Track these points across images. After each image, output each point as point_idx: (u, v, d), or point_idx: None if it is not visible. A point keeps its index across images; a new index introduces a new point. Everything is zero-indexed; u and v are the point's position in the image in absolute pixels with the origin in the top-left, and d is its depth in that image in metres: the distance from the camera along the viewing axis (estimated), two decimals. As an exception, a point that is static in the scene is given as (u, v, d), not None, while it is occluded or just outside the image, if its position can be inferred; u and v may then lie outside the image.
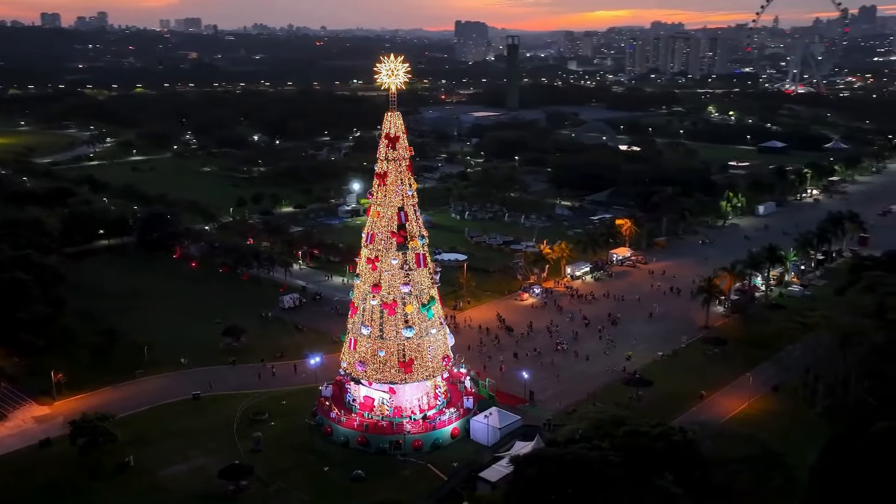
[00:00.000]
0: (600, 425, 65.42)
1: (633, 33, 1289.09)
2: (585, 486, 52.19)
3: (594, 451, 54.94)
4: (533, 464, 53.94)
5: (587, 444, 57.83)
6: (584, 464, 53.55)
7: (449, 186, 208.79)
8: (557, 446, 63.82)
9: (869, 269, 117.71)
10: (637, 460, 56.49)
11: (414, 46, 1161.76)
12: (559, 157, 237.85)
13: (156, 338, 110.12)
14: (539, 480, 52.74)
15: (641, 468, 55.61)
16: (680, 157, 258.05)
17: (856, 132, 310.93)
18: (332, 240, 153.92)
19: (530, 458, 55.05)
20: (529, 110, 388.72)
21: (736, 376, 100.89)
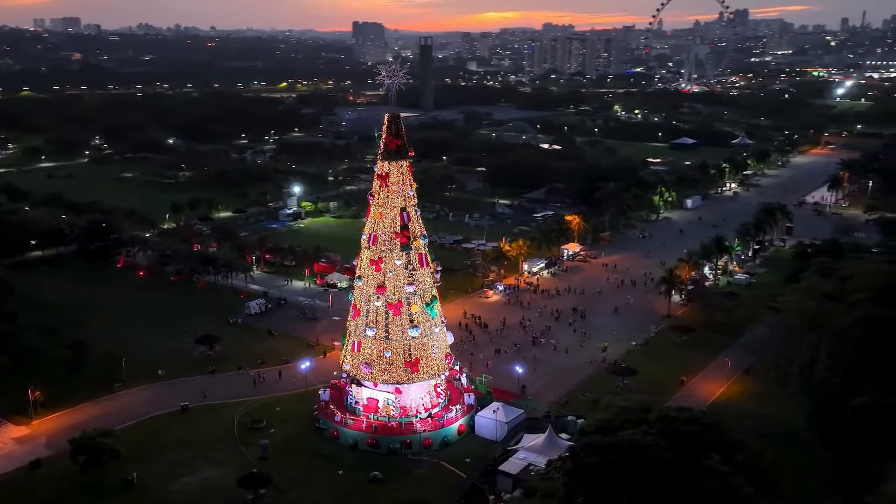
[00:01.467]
0: (628, 413, 68.11)
1: (526, 34, 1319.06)
2: (645, 471, 54.61)
3: (648, 437, 57.53)
4: (594, 452, 55.92)
5: (634, 430, 60.29)
6: (641, 449, 56.03)
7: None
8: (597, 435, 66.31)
9: (812, 256, 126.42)
10: (679, 443, 59.40)
11: (309, 47, 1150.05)
12: (490, 156, 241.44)
13: (125, 350, 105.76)
14: (602, 468, 54.80)
15: (687, 450, 58.57)
16: (600, 154, 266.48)
17: (755, 129, 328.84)
18: (288, 244, 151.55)
19: (590, 447, 56.94)
20: (445, 111, 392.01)
21: (708, 361, 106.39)
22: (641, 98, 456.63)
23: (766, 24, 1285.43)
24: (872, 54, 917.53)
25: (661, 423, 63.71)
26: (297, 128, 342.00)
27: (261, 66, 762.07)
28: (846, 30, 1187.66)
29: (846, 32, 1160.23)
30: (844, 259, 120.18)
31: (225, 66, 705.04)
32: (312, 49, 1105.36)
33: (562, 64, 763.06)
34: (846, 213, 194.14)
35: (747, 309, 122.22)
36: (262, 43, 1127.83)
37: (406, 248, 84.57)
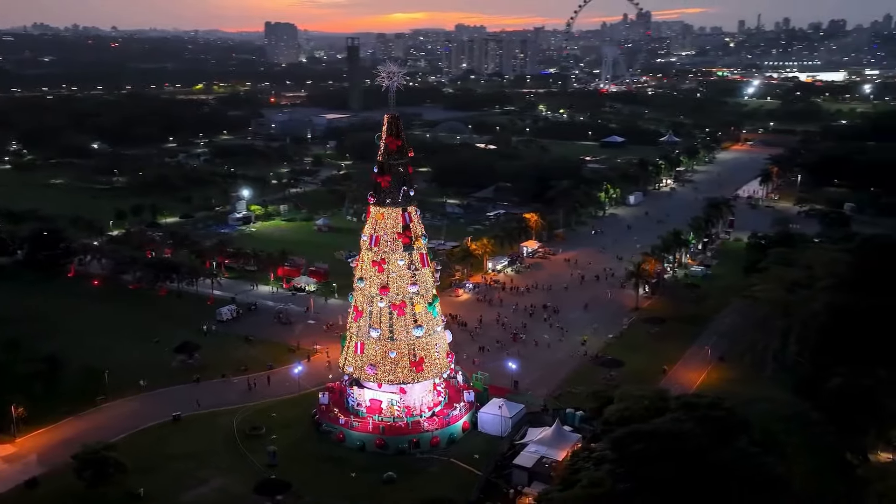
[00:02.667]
0: (645, 402, 70.66)
1: (439, 35, 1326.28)
2: (688, 455, 56.99)
3: (686, 424, 60.02)
4: (639, 440, 57.96)
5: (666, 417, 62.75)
6: (681, 434, 58.43)
7: (331, 189, 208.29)
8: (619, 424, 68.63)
9: (766, 247, 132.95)
10: (709, 428, 62.15)
11: (218, 48, 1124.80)
12: (432, 157, 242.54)
13: (98, 362, 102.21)
14: (648, 455, 56.85)
15: (718, 434, 61.37)
16: (536, 153, 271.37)
17: (678, 127, 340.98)
18: (251, 248, 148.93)
19: (634, 436, 58.96)
20: (373, 111, 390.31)
21: (683, 350, 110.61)
22: (563, 98, 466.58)
23: (668, 25, 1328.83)
24: (769, 55, 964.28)
25: (684, 409, 66.40)
26: (226, 130, 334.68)
27: (171, 67, 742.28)
28: (743, 31, 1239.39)
29: (743, 34, 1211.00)
30: (797, 249, 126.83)
31: (134, 68, 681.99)
32: (223, 50, 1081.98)
33: (479, 64, 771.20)
34: (778, 206, 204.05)
35: (710, 299, 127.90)
36: (168, 44, 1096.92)
37: (408, 249, 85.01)
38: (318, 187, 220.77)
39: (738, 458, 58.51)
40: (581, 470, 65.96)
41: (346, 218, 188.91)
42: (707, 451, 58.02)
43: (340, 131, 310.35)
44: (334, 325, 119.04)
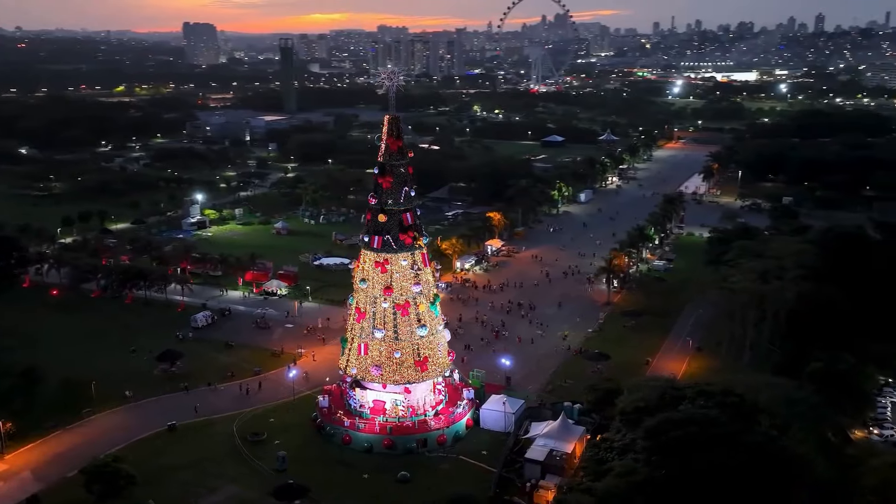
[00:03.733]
0: (657, 392, 73.11)
1: (361, 36, 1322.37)
2: (721, 440, 59.46)
3: (712, 410, 62.58)
4: (676, 427, 60.07)
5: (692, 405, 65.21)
6: (713, 421, 60.89)
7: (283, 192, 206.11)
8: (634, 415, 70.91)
9: (729, 240, 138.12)
10: (730, 414, 64.93)
11: (133, 49, 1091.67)
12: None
13: (76, 373, 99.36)
14: (684, 441, 59.02)
15: (739, 418, 64.18)
16: (479, 153, 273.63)
17: (612, 126, 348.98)
18: (219, 253, 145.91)
19: (669, 423, 61.03)
20: (309, 113, 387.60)
21: (661, 342, 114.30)
22: (496, 98, 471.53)
23: (586, 27, 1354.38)
24: (684, 56, 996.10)
25: (701, 397, 69.06)
26: (160, 133, 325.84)
27: (86, 68, 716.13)
28: (657, 33, 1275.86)
29: (657, 36, 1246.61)
30: (757, 241, 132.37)
31: (45, 69, 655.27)
32: (138, 51, 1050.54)
33: (406, 65, 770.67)
34: (721, 201, 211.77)
35: (677, 292, 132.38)
36: (79, 44, 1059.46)
37: (411, 249, 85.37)
38: (268, 190, 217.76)
39: (765, 441, 61.32)
40: (605, 460, 68.05)
41: (304, 220, 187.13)
42: (737, 435, 60.61)
43: (281, 133, 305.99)
44: (314, 329, 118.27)
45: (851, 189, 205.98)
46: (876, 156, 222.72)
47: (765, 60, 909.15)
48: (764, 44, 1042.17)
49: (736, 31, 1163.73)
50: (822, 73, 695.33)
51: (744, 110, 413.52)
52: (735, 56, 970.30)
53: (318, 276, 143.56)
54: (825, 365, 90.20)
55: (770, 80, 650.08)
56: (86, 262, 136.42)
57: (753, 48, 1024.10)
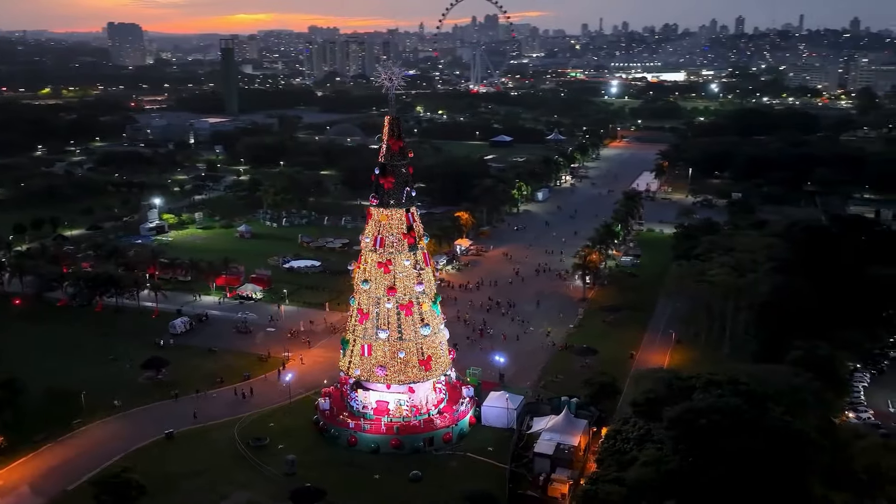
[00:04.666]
0: (666, 384, 75.33)
1: (291, 37, 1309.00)
2: (746, 426, 61.77)
3: (732, 399, 64.87)
4: (701, 416, 62.10)
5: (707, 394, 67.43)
6: (736, 409, 63.16)
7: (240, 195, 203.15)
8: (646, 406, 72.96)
9: (695, 236, 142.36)
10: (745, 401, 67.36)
11: (53, 50, 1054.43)
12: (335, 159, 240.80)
13: (58, 384, 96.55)
14: (711, 428, 61.08)
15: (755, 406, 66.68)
16: (429, 153, 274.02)
17: (556, 125, 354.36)
18: (189, 258, 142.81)
19: (694, 412, 63.00)
20: (251, 114, 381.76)
21: (641, 335, 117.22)
22: (438, 99, 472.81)
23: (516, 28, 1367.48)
24: (613, 56, 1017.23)
25: (711, 386, 71.42)
26: (98, 137, 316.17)
27: (4, 69, 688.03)
28: (586, 34, 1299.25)
29: (586, 37, 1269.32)
30: (722, 236, 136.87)
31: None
32: (59, 52, 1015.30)
33: (341, 66, 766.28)
34: (673, 197, 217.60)
35: (648, 286, 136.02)
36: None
37: (413, 249, 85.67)
38: (223, 194, 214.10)
39: (782, 426, 63.87)
40: (624, 451, 69.76)
41: (266, 223, 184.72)
42: (757, 421, 63.03)
43: (227, 136, 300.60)
44: (297, 332, 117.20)
45: (795, 184, 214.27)
46: (815, 153, 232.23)
47: (690, 61, 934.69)
48: (689, 45, 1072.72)
49: (661, 32, 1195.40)
50: (746, 73, 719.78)
51: (680, 109, 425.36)
52: (662, 57, 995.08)
53: (291, 279, 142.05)
54: (805, 353, 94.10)
55: (697, 80, 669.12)
56: (48, 269, 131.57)
57: (679, 49, 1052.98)
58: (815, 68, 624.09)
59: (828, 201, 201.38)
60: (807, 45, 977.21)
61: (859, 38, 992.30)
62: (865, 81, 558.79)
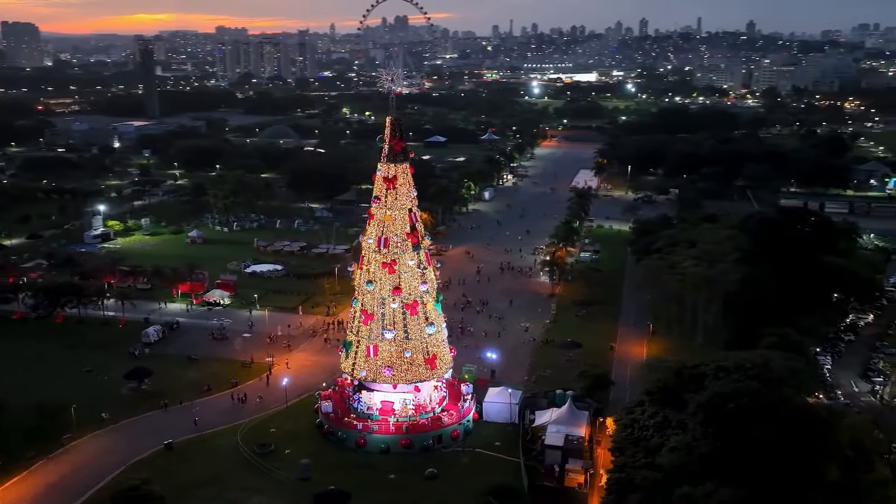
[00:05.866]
0: (677, 372, 78.24)
1: (198, 38, 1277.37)
2: (768, 410, 64.91)
3: (752, 382, 68.01)
4: (729, 400, 64.82)
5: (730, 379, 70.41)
6: (755, 393, 66.27)
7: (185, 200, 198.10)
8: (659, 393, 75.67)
9: (652, 231, 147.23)
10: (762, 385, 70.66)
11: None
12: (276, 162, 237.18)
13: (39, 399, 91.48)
14: (740, 412, 63.84)
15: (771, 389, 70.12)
16: (368, 154, 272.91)
17: (485, 125, 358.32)
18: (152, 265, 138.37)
19: (721, 397, 65.65)
20: (174, 117, 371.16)
21: (615, 328, 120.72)
22: (361, 100, 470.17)
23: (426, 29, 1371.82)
24: (525, 58, 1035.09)
25: (722, 372, 74.59)
26: (14, 142, 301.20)
27: None
28: (496, 36, 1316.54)
29: (497, 38, 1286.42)
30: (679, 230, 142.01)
31: None
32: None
33: (256, 68, 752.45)
34: (614, 194, 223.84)
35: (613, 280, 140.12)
36: None
37: (417, 248, 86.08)
38: (164, 199, 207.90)
39: (802, 408, 67.44)
40: (644, 438, 72.11)
41: (215, 228, 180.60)
42: (780, 404, 66.34)
43: (155, 139, 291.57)
44: (276, 337, 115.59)
45: (727, 180, 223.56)
46: (743, 149, 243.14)
47: (600, 62, 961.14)
48: (598, 47, 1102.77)
49: (569, 34, 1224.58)
50: (653, 73, 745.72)
51: (602, 109, 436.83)
52: (572, 58, 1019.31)
53: (256, 284, 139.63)
54: (779, 338, 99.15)
55: (608, 80, 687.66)
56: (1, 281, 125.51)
57: (588, 51, 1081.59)
58: (720, 69, 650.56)
59: (759, 196, 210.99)
60: (707, 47, 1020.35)
61: (755, 41, 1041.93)
62: (768, 82, 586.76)
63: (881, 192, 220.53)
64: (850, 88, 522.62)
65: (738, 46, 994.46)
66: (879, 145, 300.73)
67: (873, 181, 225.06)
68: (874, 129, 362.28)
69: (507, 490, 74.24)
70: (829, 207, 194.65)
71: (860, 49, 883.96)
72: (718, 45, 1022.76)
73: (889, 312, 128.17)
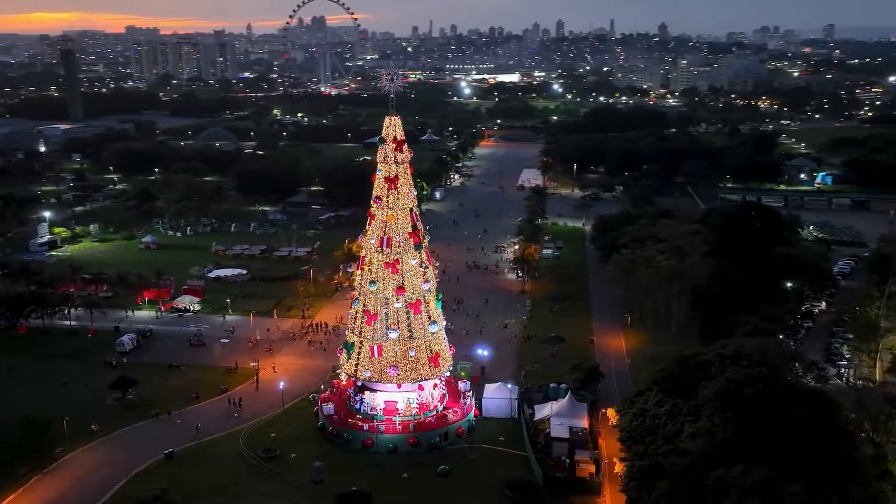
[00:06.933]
0: (680, 361, 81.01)
1: (108, 39, 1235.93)
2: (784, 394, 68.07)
3: (761, 368, 71.13)
4: (745, 386, 67.65)
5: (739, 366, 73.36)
6: (767, 378, 69.35)
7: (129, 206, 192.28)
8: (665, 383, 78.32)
9: (613, 227, 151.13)
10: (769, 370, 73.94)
11: None
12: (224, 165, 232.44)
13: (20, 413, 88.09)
14: (758, 397, 66.71)
15: (775, 373, 73.48)
16: (307, 156, 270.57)
17: (421, 126, 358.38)
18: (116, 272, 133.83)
19: (737, 383, 68.39)
20: (99, 120, 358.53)
21: (589, 322, 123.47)
22: (291, 101, 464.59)
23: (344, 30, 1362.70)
24: (446, 59, 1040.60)
25: (727, 360, 77.61)
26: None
27: None
28: (416, 37, 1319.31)
29: (416, 39, 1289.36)
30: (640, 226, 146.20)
31: None
32: None
33: (174, 69, 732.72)
34: (562, 192, 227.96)
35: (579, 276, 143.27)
36: None
37: (419, 248, 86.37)
38: (108, 204, 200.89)
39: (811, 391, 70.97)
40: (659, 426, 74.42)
41: (167, 233, 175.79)
42: (791, 387, 69.67)
43: (85, 143, 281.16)
44: (256, 341, 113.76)
45: (667, 177, 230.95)
46: (680, 147, 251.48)
47: (520, 63, 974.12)
48: (517, 48, 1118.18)
49: (488, 35, 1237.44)
50: (572, 74, 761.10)
51: (533, 109, 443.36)
52: (493, 59, 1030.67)
53: (223, 289, 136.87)
54: (753, 327, 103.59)
55: (531, 81, 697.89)
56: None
57: (508, 52, 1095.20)
58: (639, 69, 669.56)
59: (700, 192, 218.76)
60: (623, 48, 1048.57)
61: (667, 42, 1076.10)
62: (686, 82, 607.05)
63: (811, 187, 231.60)
64: (763, 88, 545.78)
65: (651, 48, 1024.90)
66: (800, 142, 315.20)
67: (803, 176, 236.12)
68: (791, 127, 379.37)
69: (523, 483, 75.60)
70: (766, 202, 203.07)
71: (764, 51, 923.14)
72: (633, 47, 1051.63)
73: (839, 299, 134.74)
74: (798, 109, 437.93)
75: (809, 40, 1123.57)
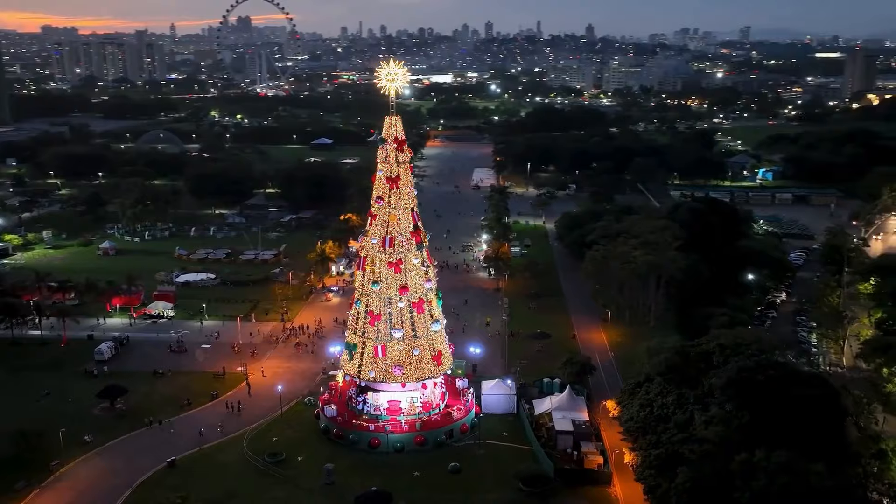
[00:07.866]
0: (681, 352, 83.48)
1: (23, 38, 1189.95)
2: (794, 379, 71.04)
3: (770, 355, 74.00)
4: (757, 373, 70.24)
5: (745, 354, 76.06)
6: (775, 364, 72.27)
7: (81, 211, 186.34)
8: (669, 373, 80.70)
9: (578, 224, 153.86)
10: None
11: None
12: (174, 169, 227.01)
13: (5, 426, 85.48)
14: (771, 383, 69.32)
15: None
16: (257, 158, 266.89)
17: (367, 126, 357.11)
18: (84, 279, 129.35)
19: (749, 371, 70.90)
20: (28, 123, 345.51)
21: (567, 318, 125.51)
22: (227, 103, 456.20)
23: (270, 30, 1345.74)
24: (376, 60, 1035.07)
25: (728, 350, 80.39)
26: None
27: None
28: (345, 38, 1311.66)
29: (346, 40, 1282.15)
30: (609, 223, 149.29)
31: None
32: None
33: (99, 70, 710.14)
34: (517, 191, 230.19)
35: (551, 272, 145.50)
36: None
37: (420, 247, 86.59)
38: (56, 210, 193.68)
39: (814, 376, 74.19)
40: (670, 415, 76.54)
41: (125, 238, 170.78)
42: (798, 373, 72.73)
43: (19, 147, 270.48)
44: (239, 346, 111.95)
45: (617, 174, 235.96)
46: (627, 145, 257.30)
47: (451, 64, 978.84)
48: (448, 49, 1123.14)
49: (418, 36, 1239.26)
50: (504, 74, 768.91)
51: (474, 109, 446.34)
52: (424, 60, 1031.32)
53: (193, 294, 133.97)
54: (729, 318, 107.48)
55: (465, 81, 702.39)
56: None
57: (440, 53, 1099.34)
58: (572, 70, 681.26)
59: (650, 189, 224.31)
60: (551, 49, 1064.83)
61: (594, 43, 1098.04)
62: (618, 82, 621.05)
63: (753, 182, 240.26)
64: (691, 88, 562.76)
65: (579, 48, 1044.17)
66: (736, 139, 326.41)
67: (746, 172, 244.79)
68: (724, 125, 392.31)
69: (536, 476, 76.65)
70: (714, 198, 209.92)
71: (687, 51, 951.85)
72: (562, 48, 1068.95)
73: (797, 290, 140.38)
74: (727, 108, 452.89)
75: (727, 42, 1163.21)
